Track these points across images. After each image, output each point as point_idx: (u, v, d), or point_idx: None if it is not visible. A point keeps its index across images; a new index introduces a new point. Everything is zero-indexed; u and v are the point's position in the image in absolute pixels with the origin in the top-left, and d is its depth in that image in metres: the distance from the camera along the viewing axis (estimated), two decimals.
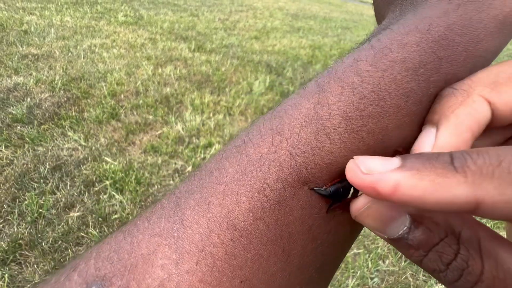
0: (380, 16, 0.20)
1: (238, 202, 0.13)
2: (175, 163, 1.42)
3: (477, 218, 0.13)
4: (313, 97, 0.15)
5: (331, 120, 0.14)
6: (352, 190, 0.14)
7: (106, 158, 1.35)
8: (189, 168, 1.40)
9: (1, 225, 1.03)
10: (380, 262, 1.12)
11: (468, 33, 0.15)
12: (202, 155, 1.49)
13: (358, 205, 0.14)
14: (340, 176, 0.14)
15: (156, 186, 1.28)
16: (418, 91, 0.14)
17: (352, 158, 0.13)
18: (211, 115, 1.82)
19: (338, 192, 0.14)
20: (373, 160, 0.12)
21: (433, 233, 0.12)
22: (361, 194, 0.14)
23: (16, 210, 1.07)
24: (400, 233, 0.13)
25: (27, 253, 0.96)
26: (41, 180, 1.20)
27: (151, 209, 0.15)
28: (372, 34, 0.17)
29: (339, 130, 0.14)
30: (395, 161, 0.12)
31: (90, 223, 1.08)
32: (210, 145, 1.56)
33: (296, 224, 0.14)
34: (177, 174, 1.36)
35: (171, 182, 1.32)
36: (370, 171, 0.12)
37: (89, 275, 0.12)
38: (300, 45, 3.53)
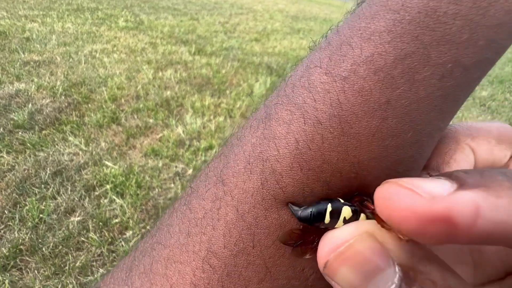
0: None
1: (180, 272, 0.11)
2: (176, 166, 1.41)
3: None
4: (259, 127, 0.11)
5: (280, 161, 0.10)
6: (327, 217, 0.10)
7: (106, 162, 1.35)
8: (190, 171, 1.40)
9: (2, 231, 1.02)
10: None
11: None
12: (203, 158, 1.49)
13: (336, 241, 0.10)
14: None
15: (157, 190, 1.27)
16: (400, 99, 0.10)
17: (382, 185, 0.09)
18: (211, 117, 1.82)
19: (311, 216, 0.10)
20: (425, 182, 0.09)
21: None
22: (338, 226, 0.10)
23: (17, 216, 1.07)
24: None
25: (27, 258, 0.96)
26: (42, 185, 1.20)
27: (113, 270, 0.13)
28: (338, 23, 0.13)
29: (291, 174, 0.10)
30: (445, 181, 0.09)
31: (91, 228, 1.07)
32: (211, 147, 1.56)
33: None
34: (178, 177, 1.36)
35: (172, 185, 1.31)
36: (432, 195, 0.08)
37: None
38: (301, 46, 3.53)
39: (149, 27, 3.39)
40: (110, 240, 1.05)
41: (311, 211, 0.10)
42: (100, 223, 1.09)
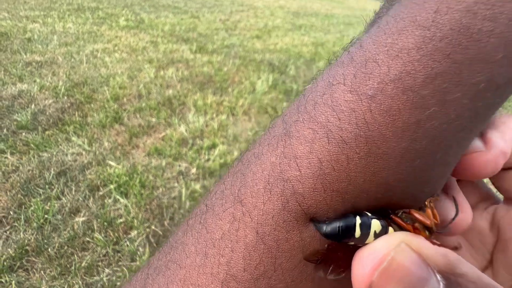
0: None
1: None
2: (179, 165, 1.41)
3: None
4: (279, 145, 0.11)
5: (302, 182, 0.10)
6: (357, 230, 0.10)
7: (110, 162, 1.35)
8: (193, 170, 1.39)
9: (8, 232, 1.03)
10: None
11: (505, 11, 0.09)
12: (206, 156, 1.48)
13: (376, 256, 0.09)
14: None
15: (160, 189, 1.27)
16: (430, 120, 0.10)
17: None
18: (214, 115, 1.81)
19: (339, 231, 0.10)
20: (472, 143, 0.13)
21: None
22: (373, 239, 0.10)
23: (22, 217, 1.07)
24: None
25: (33, 259, 0.96)
26: (47, 186, 1.20)
27: (124, 287, 0.13)
28: (360, 35, 0.12)
29: (314, 195, 0.10)
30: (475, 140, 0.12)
31: (96, 228, 1.07)
32: (214, 146, 1.55)
33: None
34: (181, 176, 1.35)
35: (176, 184, 1.31)
36: (481, 148, 0.12)
37: None
38: (302, 42, 3.51)
39: (150, 25, 3.38)
40: (115, 240, 1.05)
41: (338, 226, 0.10)
42: (105, 223, 1.09)
